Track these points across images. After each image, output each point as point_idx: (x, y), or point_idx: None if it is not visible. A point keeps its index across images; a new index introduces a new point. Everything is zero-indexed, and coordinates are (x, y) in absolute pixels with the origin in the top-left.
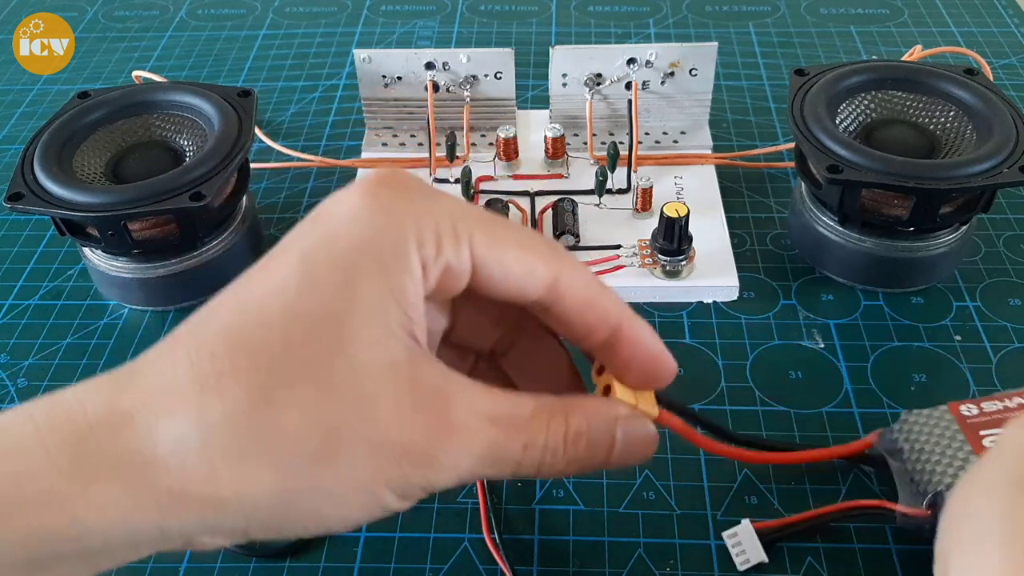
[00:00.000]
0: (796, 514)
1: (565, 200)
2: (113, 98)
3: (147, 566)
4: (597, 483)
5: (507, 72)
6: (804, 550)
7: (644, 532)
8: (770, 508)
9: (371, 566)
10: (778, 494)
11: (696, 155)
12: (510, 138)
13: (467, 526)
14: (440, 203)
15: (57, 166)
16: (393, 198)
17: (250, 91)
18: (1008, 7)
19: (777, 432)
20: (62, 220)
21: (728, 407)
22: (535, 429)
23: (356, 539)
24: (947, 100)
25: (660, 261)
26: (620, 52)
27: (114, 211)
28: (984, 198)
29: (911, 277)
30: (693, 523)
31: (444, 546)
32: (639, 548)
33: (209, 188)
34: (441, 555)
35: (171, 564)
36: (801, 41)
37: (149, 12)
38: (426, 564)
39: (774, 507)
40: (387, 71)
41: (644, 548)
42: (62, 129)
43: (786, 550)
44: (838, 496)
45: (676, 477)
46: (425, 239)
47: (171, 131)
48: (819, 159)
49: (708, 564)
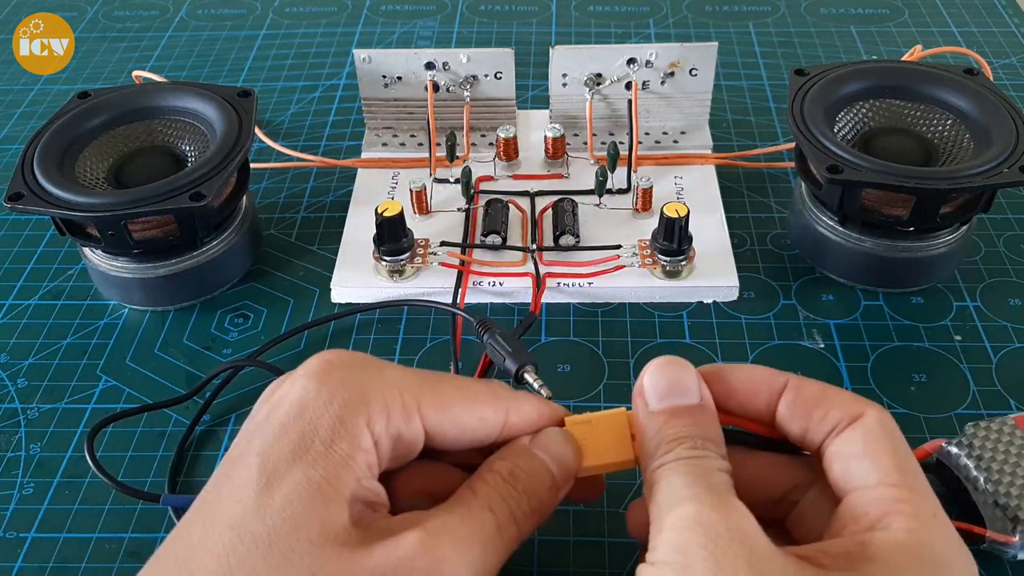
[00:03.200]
0: None
1: (565, 200)
2: (114, 101)
3: None
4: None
5: (507, 72)
6: None
7: None
8: None
9: None
10: None
11: (696, 155)
12: (510, 138)
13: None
14: (386, 378)
15: (57, 167)
16: (340, 382)
17: (250, 91)
18: (1008, 7)
19: None
20: (62, 220)
21: None
22: (481, 492)
23: None
24: (945, 108)
25: (660, 261)
26: (620, 52)
27: (114, 211)
28: (984, 198)
29: (911, 277)
30: None
31: None
32: (639, 548)
33: (209, 188)
34: None
35: None
36: (801, 41)
37: (149, 12)
38: None
39: None
40: (387, 71)
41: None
42: (63, 130)
43: None
44: None
45: None
46: (374, 416)
47: (173, 136)
48: (819, 159)
49: None
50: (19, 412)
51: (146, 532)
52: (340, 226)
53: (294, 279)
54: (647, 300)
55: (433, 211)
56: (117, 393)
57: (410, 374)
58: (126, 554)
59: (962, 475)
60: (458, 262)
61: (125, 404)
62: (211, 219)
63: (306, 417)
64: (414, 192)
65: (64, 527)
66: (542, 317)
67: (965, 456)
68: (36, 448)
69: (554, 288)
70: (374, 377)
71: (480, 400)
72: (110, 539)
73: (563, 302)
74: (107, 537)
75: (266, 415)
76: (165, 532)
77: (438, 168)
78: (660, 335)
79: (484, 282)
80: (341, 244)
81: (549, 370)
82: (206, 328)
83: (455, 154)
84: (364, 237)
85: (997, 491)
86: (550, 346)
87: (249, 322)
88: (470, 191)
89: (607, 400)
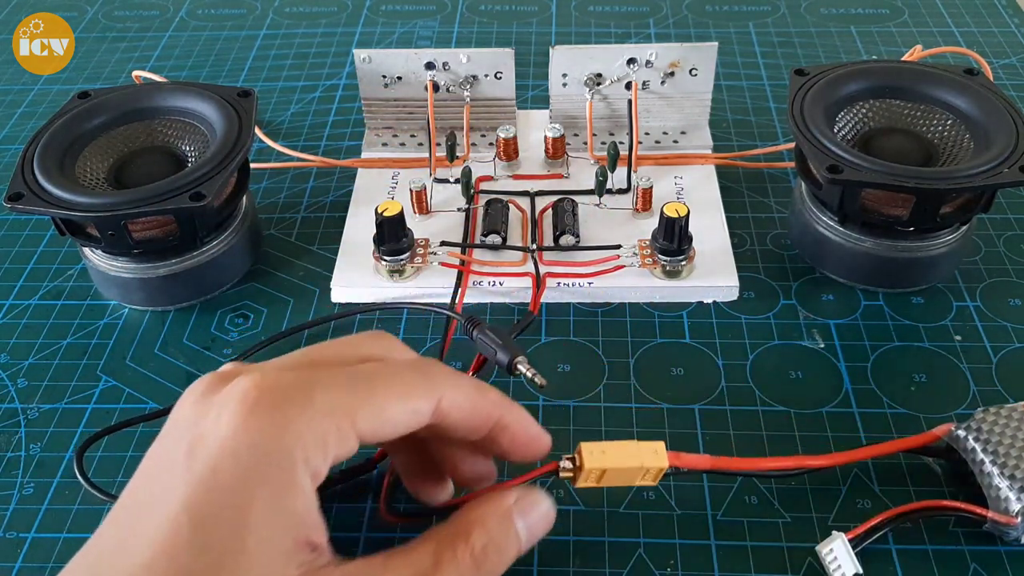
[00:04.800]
0: (874, 516)
1: (565, 200)
2: (114, 101)
3: None
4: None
5: (507, 72)
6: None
7: (644, 532)
8: (771, 508)
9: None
10: (778, 495)
11: (696, 155)
12: (510, 138)
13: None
14: (317, 406)
15: (57, 167)
16: (270, 416)
17: (250, 91)
18: (1008, 7)
19: (777, 432)
20: (62, 220)
21: (728, 407)
22: (446, 572)
23: (356, 540)
24: (945, 108)
25: (660, 261)
26: (620, 52)
27: (114, 211)
28: (984, 198)
29: (911, 277)
30: (693, 523)
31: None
32: (639, 548)
33: (209, 188)
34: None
35: None
36: (801, 41)
37: (149, 12)
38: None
39: (775, 507)
40: (387, 71)
41: (644, 548)
42: (63, 130)
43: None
44: (838, 497)
45: (676, 477)
46: (311, 454)
47: (173, 136)
48: (819, 159)
49: (708, 564)
50: (19, 412)
51: None
52: (340, 226)
53: (294, 279)
54: (647, 300)
55: (433, 211)
56: (117, 393)
57: (341, 389)
58: None
59: (969, 458)
60: (458, 262)
61: (125, 404)
62: (211, 219)
63: (240, 464)
64: (414, 192)
65: (64, 527)
66: (542, 317)
67: (973, 439)
68: (36, 448)
69: (554, 288)
70: (304, 407)
71: (414, 394)
72: None
73: (563, 302)
74: None
75: (187, 455)
76: None
77: (438, 168)
78: (660, 335)
79: (484, 282)
80: (341, 244)
81: (549, 370)
82: (206, 328)
83: (455, 154)
84: (364, 237)
85: (1001, 473)
86: (550, 346)
87: (249, 322)
88: (470, 191)
89: (607, 400)
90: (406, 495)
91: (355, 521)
